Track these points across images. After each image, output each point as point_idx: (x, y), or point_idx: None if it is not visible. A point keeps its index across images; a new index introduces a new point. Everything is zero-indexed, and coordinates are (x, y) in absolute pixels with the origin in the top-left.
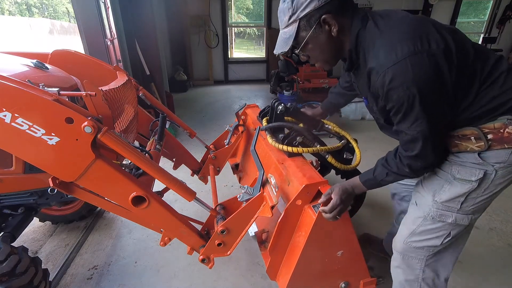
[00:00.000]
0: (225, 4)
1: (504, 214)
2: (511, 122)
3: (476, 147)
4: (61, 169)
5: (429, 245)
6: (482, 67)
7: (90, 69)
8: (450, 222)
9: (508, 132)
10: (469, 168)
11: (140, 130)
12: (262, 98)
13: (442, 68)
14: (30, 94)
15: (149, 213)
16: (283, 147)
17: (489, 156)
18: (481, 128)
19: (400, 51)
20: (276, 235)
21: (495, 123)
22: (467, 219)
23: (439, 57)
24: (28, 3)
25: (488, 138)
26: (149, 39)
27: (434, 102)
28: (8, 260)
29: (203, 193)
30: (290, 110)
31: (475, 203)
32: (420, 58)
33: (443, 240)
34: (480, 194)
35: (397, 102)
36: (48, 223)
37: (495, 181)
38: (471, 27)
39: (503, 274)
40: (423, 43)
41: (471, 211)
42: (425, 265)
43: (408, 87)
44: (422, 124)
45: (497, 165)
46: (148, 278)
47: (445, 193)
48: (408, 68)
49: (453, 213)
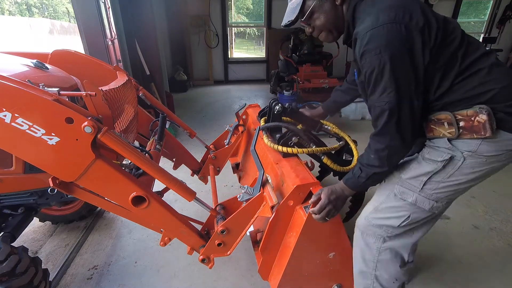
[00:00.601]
0: (225, 4)
1: (504, 214)
2: (482, 111)
3: (447, 133)
4: (61, 169)
5: (387, 224)
6: (464, 55)
7: (90, 69)
8: (410, 202)
9: (478, 121)
10: (439, 151)
11: (140, 130)
12: (262, 98)
13: (415, 42)
14: (30, 94)
15: (149, 213)
16: (278, 147)
17: (459, 143)
18: (455, 114)
19: (381, 18)
20: (268, 235)
21: (468, 110)
22: (428, 204)
23: (415, 33)
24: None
25: (459, 125)
26: (149, 39)
27: (404, 73)
28: (8, 260)
29: (203, 193)
30: (287, 111)
31: (437, 187)
32: (397, 27)
33: (402, 221)
34: (444, 178)
35: (368, 67)
36: (48, 223)
37: (463, 169)
38: (471, 27)
39: (503, 274)
40: (404, 16)
41: (434, 197)
42: (382, 246)
43: (381, 52)
44: (390, 95)
45: (466, 152)
46: (148, 278)
47: (411, 170)
48: (384, 34)
49: (414, 192)
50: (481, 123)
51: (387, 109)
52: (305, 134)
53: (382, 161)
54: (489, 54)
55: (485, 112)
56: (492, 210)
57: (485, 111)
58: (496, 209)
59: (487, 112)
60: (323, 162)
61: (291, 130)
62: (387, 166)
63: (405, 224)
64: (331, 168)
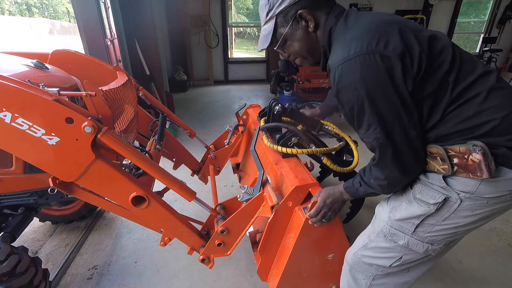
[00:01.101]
0: (225, 4)
1: (504, 214)
2: (475, 149)
3: (441, 169)
4: (61, 169)
5: (378, 264)
6: (455, 80)
7: (90, 69)
8: (401, 245)
9: (472, 160)
10: (432, 190)
11: (140, 130)
12: (262, 98)
13: (394, 71)
14: (30, 94)
15: (149, 213)
16: (278, 147)
17: (454, 183)
18: (446, 149)
19: (353, 49)
20: (266, 235)
21: (461, 146)
22: (422, 247)
23: (393, 60)
24: (28, 3)
25: (453, 162)
26: (149, 39)
27: (387, 106)
28: (8, 260)
29: (203, 193)
30: (287, 111)
31: (432, 230)
32: (371, 58)
33: (393, 262)
34: (439, 222)
35: (347, 104)
36: (48, 223)
37: (460, 212)
38: (471, 27)
39: (503, 274)
40: (378, 43)
41: (428, 240)
42: (372, 283)
43: (356, 88)
44: (376, 131)
45: (463, 194)
46: (148, 278)
47: (401, 211)
48: (357, 67)
49: (406, 235)
50: (475, 163)
51: (376, 146)
52: (305, 134)
53: (382, 189)
54: (487, 74)
55: (479, 151)
56: None
57: (478, 149)
58: None
59: (482, 151)
60: (323, 162)
61: (291, 130)
62: (387, 193)
63: (397, 265)
64: (331, 168)
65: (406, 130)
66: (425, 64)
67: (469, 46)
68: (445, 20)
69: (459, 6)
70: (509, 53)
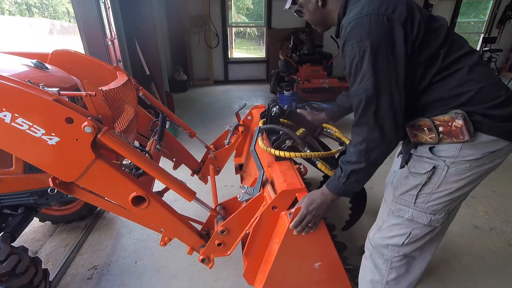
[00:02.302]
0: (225, 4)
1: (504, 214)
2: (458, 116)
3: (429, 138)
4: (61, 169)
5: (392, 244)
6: (446, 54)
7: (90, 69)
8: (407, 218)
9: (455, 125)
10: (422, 162)
11: (140, 130)
12: (262, 98)
13: (396, 33)
14: (30, 94)
15: (149, 213)
16: (271, 150)
17: (439, 150)
18: (433, 120)
19: (365, 9)
20: (251, 238)
21: (445, 116)
22: (425, 218)
23: (397, 24)
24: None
25: (439, 130)
26: (149, 39)
27: (384, 63)
28: (8, 260)
29: (203, 193)
30: (286, 113)
31: (430, 199)
32: (379, 18)
33: (405, 239)
34: (434, 190)
35: (350, 56)
36: (48, 223)
37: (449, 177)
38: (471, 27)
39: (503, 274)
40: (387, 8)
41: (430, 210)
42: (391, 267)
43: (362, 39)
44: (367, 82)
45: (448, 159)
46: (148, 278)
47: (401, 186)
48: (366, 23)
49: (409, 208)
50: (458, 128)
51: (364, 97)
52: (301, 138)
53: (359, 156)
54: (471, 53)
55: (460, 117)
56: (492, 210)
57: (460, 116)
58: (496, 209)
59: (463, 117)
60: (318, 167)
61: (286, 133)
62: (364, 162)
63: (409, 242)
64: (325, 173)
65: (393, 90)
66: (422, 33)
67: None
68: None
69: (459, 6)
70: (509, 53)
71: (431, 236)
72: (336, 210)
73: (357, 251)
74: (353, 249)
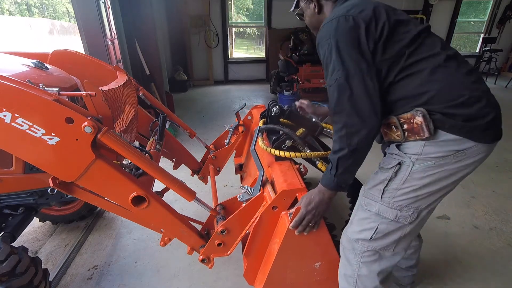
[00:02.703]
0: (225, 4)
1: (504, 214)
2: (418, 113)
3: (396, 136)
4: (61, 169)
5: (362, 238)
6: (411, 53)
7: (90, 69)
8: (374, 212)
9: (416, 122)
10: (391, 158)
11: (140, 130)
12: (262, 98)
13: (360, 29)
14: (30, 94)
15: (149, 213)
16: (271, 150)
17: (405, 147)
18: (398, 118)
19: (336, 13)
20: (251, 239)
21: (408, 113)
22: (391, 213)
23: (360, 22)
24: (28, 3)
25: (404, 128)
26: (149, 39)
27: (350, 54)
28: (8, 260)
29: (203, 193)
30: (286, 113)
31: (396, 195)
32: (346, 18)
33: (372, 234)
34: (399, 185)
35: (322, 53)
36: (48, 223)
37: (414, 174)
38: (471, 27)
39: (503, 274)
40: (355, 10)
41: (396, 206)
42: (361, 261)
43: (330, 37)
44: (338, 73)
45: (413, 156)
46: (148, 278)
47: (370, 181)
48: (334, 24)
49: (376, 202)
50: (418, 125)
51: (335, 86)
52: (301, 138)
53: (342, 143)
54: (436, 55)
55: (420, 114)
56: (492, 210)
57: (420, 113)
58: (496, 209)
59: (422, 114)
60: (318, 167)
61: (285, 133)
62: (347, 147)
63: (376, 237)
64: None
65: (364, 78)
66: (386, 33)
67: (469, 46)
68: (445, 20)
69: (459, 6)
70: (509, 53)
71: (399, 234)
72: (336, 209)
73: None
74: None
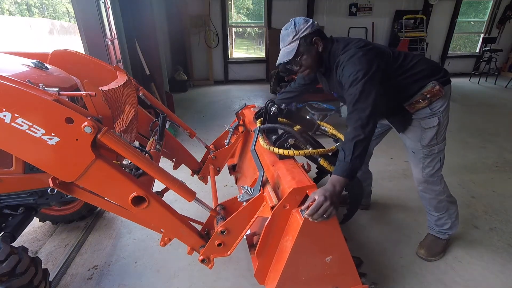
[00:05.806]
0: (225, 4)
1: (504, 214)
2: (435, 84)
3: (423, 104)
4: (61, 169)
5: (437, 169)
6: (397, 68)
7: (90, 69)
8: (437, 152)
9: (436, 90)
10: (429, 118)
11: (140, 130)
12: (262, 98)
13: (375, 57)
14: (30, 94)
15: (149, 213)
16: (274, 149)
17: (434, 106)
18: (423, 93)
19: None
20: (264, 238)
21: (427, 88)
22: (443, 144)
23: (374, 52)
24: (28, 3)
25: (428, 97)
26: (149, 39)
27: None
28: (8, 260)
29: (203, 193)
30: (284, 112)
31: (441, 134)
32: (363, 50)
33: (441, 163)
34: (442, 129)
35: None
36: (48, 223)
37: (443, 119)
38: (471, 27)
39: (503, 274)
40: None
41: (442, 138)
42: (440, 180)
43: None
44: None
45: (441, 109)
46: (148, 278)
47: (425, 139)
48: (355, 54)
49: (435, 146)
50: (438, 90)
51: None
52: (302, 135)
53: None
54: (417, 56)
55: (436, 83)
56: (492, 210)
57: (435, 83)
58: (496, 209)
59: (437, 83)
60: (320, 164)
61: (287, 131)
62: (362, 134)
63: (443, 162)
64: (328, 170)
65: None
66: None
67: (469, 46)
68: (445, 20)
69: (459, 6)
70: (509, 53)
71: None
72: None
73: (355, 244)
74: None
